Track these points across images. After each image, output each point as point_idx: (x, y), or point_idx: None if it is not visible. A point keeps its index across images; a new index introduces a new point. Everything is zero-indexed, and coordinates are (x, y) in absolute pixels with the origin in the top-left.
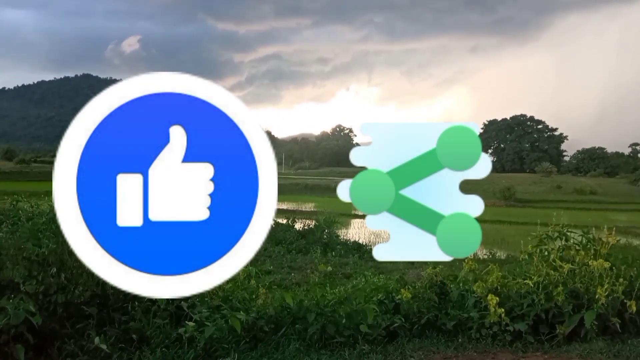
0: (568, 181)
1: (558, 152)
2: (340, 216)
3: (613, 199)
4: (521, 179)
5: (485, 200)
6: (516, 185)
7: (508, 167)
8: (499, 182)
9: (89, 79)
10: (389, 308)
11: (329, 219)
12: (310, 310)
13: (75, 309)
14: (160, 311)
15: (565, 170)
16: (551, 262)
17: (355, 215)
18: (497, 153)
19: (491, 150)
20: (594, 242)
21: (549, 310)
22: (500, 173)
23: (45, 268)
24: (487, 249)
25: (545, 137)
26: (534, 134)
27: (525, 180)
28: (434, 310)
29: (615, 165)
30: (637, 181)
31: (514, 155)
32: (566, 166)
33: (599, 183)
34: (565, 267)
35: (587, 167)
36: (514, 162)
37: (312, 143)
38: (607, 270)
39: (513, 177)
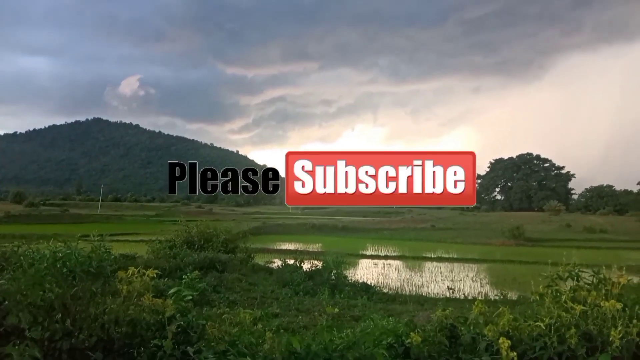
0: (577, 219)
1: (566, 190)
2: (348, 256)
3: (624, 237)
4: (530, 217)
5: (494, 240)
6: (525, 224)
7: (516, 205)
8: (507, 221)
9: (99, 123)
10: (399, 352)
11: (337, 259)
12: (318, 356)
13: (81, 355)
14: (166, 356)
15: (574, 209)
16: (563, 303)
17: (363, 255)
18: (504, 191)
19: (498, 189)
20: (606, 282)
21: (562, 354)
22: (508, 212)
23: (51, 313)
24: (499, 290)
25: (553, 176)
26: (540, 172)
27: (534, 219)
28: (444, 354)
29: (625, 203)
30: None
31: (522, 194)
32: (575, 204)
33: (609, 221)
34: (577, 309)
35: (596, 205)
36: (522, 200)
37: None
38: (619, 311)
39: (522, 216)
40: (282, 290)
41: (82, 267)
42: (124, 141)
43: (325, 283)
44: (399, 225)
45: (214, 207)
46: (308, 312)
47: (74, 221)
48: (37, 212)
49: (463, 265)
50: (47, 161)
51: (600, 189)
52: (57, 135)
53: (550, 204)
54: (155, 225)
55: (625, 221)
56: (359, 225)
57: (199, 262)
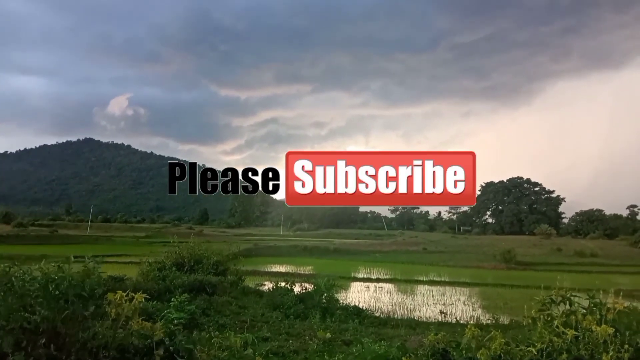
0: (568, 243)
1: (556, 214)
2: (339, 279)
3: (614, 261)
4: (521, 241)
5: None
6: (516, 247)
7: (507, 229)
8: (499, 244)
9: (90, 143)
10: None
11: (329, 282)
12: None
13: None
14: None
15: (564, 232)
16: (555, 328)
17: (354, 278)
18: (495, 215)
19: (490, 212)
20: (601, 307)
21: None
22: (500, 235)
23: (36, 337)
24: (491, 313)
25: (543, 199)
26: (531, 196)
27: (525, 242)
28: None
29: (615, 227)
30: (638, 243)
31: (513, 217)
32: (565, 228)
33: (600, 245)
34: (569, 334)
35: (587, 229)
36: (513, 224)
37: None
38: (611, 336)
39: (513, 240)
40: (273, 313)
41: (75, 291)
42: (115, 162)
43: (316, 306)
44: (390, 248)
45: (205, 229)
46: (299, 336)
47: (63, 242)
48: (26, 232)
49: (455, 288)
50: (37, 181)
51: (590, 213)
52: (48, 155)
53: (541, 228)
54: (145, 247)
55: (616, 245)
56: (351, 248)
57: (189, 285)
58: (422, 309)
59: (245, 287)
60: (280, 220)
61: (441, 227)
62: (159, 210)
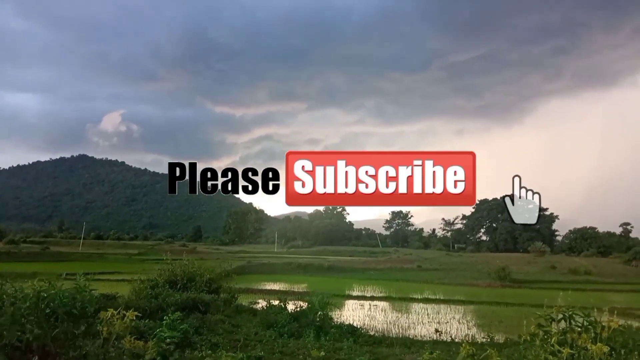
0: (562, 261)
1: (550, 231)
2: (333, 297)
3: (608, 279)
4: (515, 258)
5: (480, 281)
6: (511, 265)
7: (502, 246)
8: (493, 262)
9: (84, 160)
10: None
11: (323, 300)
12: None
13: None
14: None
15: (558, 250)
16: (550, 346)
17: (349, 296)
18: (489, 232)
19: (484, 230)
20: (596, 325)
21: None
22: (494, 252)
23: (27, 356)
24: (486, 332)
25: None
26: None
27: (519, 260)
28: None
29: (608, 245)
30: (631, 261)
31: (507, 235)
32: (559, 246)
33: (594, 263)
34: (564, 352)
35: (580, 247)
36: (507, 241)
37: (304, 221)
38: (606, 355)
39: (507, 257)
40: (266, 332)
41: (66, 308)
42: (109, 178)
43: (310, 325)
44: (385, 265)
45: (198, 246)
46: (293, 356)
47: (55, 259)
48: (17, 249)
49: (450, 306)
50: (29, 197)
51: (584, 230)
52: (41, 172)
53: (535, 245)
54: (137, 264)
55: (609, 263)
56: (345, 265)
57: (182, 303)
58: (417, 327)
59: (238, 305)
60: (274, 237)
61: (435, 245)
62: (152, 227)
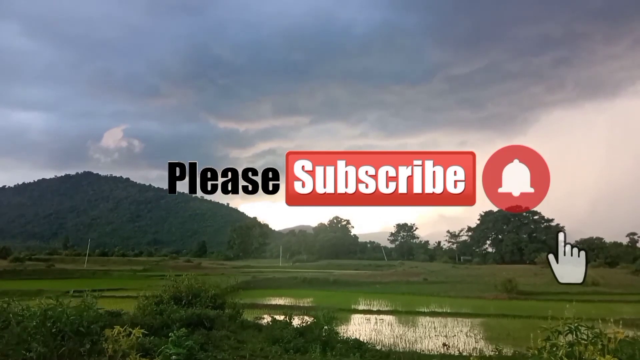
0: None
1: (556, 242)
2: (339, 311)
3: (616, 290)
4: (522, 270)
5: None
6: (517, 276)
7: (508, 258)
8: (499, 274)
9: (89, 177)
10: None
11: (328, 314)
12: None
13: None
14: None
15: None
16: (558, 359)
17: (355, 310)
18: (495, 244)
19: (489, 241)
20: (602, 336)
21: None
22: (500, 264)
23: None
24: (493, 345)
25: (542, 228)
26: (530, 224)
27: (526, 271)
28: None
29: (615, 255)
30: (639, 271)
31: (513, 247)
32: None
33: (601, 274)
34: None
35: (587, 258)
36: (514, 253)
37: (309, 235)
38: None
39: (514, 269)
40: (272, 347)
41: (72, 327)
42: (114, 195)
43: (316, 340)
44: (391, 279)
45: (203, 261)
46: None
47: (60, 276)
48: (22, 267)
49: (457, 319)
50: (34, 215)
51: (590, 241)
52: (46, 189)
53: (542, 257)
54: (142, 281)
55: (617, 273)
56: (351, 279)
57: (187, 319)
58: (424, 341)
59: (243, 320)
60: (279, 252)
61: (441, 257)
62: (157, 243)
